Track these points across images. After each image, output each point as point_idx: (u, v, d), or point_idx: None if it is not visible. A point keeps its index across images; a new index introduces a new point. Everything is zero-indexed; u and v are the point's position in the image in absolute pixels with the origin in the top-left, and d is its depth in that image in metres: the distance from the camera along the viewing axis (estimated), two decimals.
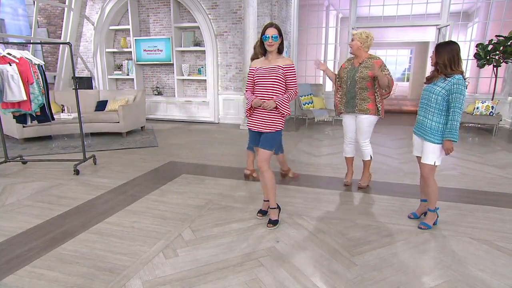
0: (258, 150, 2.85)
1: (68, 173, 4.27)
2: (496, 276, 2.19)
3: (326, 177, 4.20)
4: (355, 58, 3.57)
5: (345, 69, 3.58)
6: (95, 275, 2.18)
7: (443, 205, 3.27)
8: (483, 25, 8.48)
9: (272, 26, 2.64)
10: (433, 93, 2.66)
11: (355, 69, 3.51)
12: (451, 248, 2.54)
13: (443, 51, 2.63)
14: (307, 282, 2.13)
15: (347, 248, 2.53)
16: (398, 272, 2.24)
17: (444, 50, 2.63)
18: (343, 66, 3.64)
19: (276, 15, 7.34)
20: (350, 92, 3.54)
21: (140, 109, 6.94)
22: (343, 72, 3.60)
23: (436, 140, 2.69)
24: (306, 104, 7.80)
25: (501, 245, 2.56)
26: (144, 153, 5.33)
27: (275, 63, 2.69)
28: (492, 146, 5.77)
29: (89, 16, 8.51)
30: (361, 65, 3.48)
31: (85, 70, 8.94)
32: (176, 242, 2.61)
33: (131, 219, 3.02)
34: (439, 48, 2.67)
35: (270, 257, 2.41)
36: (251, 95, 2.82)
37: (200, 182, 3.97)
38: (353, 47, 3.48)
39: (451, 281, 2.14)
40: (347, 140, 3.79)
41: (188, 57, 8.34)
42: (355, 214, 3.12)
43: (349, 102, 3.57)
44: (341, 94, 3.65)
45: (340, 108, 3.68)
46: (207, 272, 2.24)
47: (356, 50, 3.48)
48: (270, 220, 2.88)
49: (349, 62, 3.62)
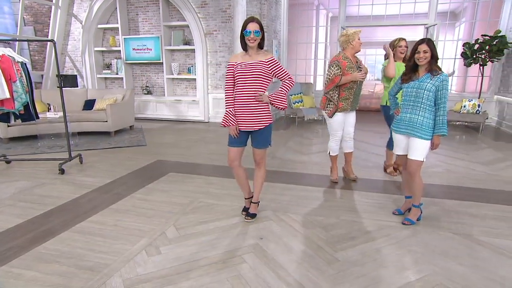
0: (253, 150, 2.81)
1: (53, 172, 4.21)
2: (475, 270, 2.22)
3: (313, 174, 4.21)
4: (351, 57, 3.58)
5: (352, 68, 3.53)
6: (74, 274, 2.15)
7: (428, 201, 3.30)
8: (470, 25, 8.60)
9: (253, 21, 2.57)
10: (423, 89, 2.66)
11: (358, 68, 3.60)
12: (433, 243, 2.56)
13: (434, 46, 2.64)
14: (289, 278, 2.13)
15: (331, 244, 2.53)
16: (379, 267, 2.26)
17: (434, 45, 2.64)
18: (346, 64, 3.52)
19: (266, 14, 7.34)
20: (358, 90, 3.69)
21: (128, 108, 6.88)
22: (351, 71, 3.53)
23: (427, 137, 2.70)
24: (296, 103, 7.82)
25: (481, 240, 2.60)
26: (132, 152, 5.29)
27: (257, 58, 2.64)
28: (478, 144, 5.85)
29: (77, 14, 8.40)
30: (358, 64, 3.64)
31: (73, 69, 8.83)
32: (159, 240, 2.59)
33: (115, 217, 2.99)
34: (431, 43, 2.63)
35: (253, 254, 2.40)
36: (230, 102, 2.71)
37: (187, 180, 3.95)
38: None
39: (431, 275, 2.17)
40: (338, 138, 3.82)
41: (177, 56, 8.29)
42: (340, 211, 3.14)
43: (355, 100, 3.71)
44: (348, 94, 3.61)
45: (346, 107, 3.64)
46: (189, 269, 2.23)
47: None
48: (249, 214, 2.93)
49: (348, 60, 3.55)
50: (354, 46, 3.53)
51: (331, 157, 3.92)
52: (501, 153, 5.15)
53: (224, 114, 2.74)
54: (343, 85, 3.57)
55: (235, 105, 2.70)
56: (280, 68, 2.69)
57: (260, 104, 2.69)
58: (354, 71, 3.54)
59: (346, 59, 3.53)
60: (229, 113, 2.71)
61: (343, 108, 3.64)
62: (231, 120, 2.70)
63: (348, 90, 3.59)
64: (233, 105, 2.70)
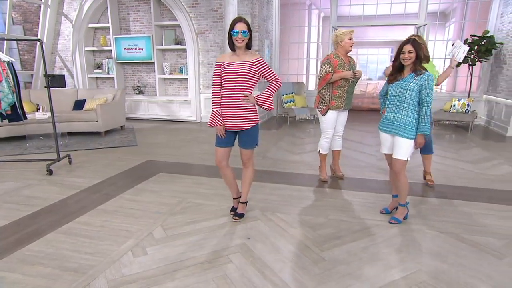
0: (241, 150, 2.82)
1: (41, 173, 4.17)
2: (458, 267, 2.25)
3: (304, 174, 4.22)
4: (343, 56, 3.61)
5: (343, 67, 3.56)
6: (58, 276, 2.13)
7: (415, 200, 3.34)
8: (460, 25, 8.69)
9: (241, 21, 2.57)
10: (407, 89, 2.69)
11: (351, 67, 3.64)
12: (419, 242, 2.59)
13: (419, 46, 2.65)
14: (275, 278, 2.14)
15: (317, 244, 2.54)
16: (365, 266, 2.27)
17: (419, 46, 2.66)
18: (338, 63, 3.56)
19: (257, 14, 7.34)
20: (351, 89, 3.72)
21: (119, 108, 6.84)
22: (343, 70, 3.56)
23: (411, 136, 2.73)
24: (287, 102, 7.83)
25: (466, 237, 2.63)
26: (122, 152, 5.25)
27: (244, 58, 2.64)
28: (467, 143, 5.92)
29: (67, 13, 8.32)
30: (351, 63, 3.69)
31: (63, 68, 8.74)
32: (146, 241, 2.58)
33: (103, 218, 2.97)
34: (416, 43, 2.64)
35: (239, 254, 2.40)
36: (217, 102, 2.70)
37: (176, 180, 3.93)
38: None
39: (415, 273, 2.19)
40: (329, 136, 3.84)
41: (169, 56, 8.26)
42: (328, 210, 3.15)
43: (349, 99, 3.74)
44: (341, 92, 3.64)
45: (339, 106, 3.67)
46: (175, 269, 2.22)
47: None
48: (237, 214, 2.93)
49: (340, 59, 3.59)
50: (344, 46, 3.55)
51: (321, 155, 3.93)
52: (488, 152, 5.21)
53: (211, 114, 2.73)
54: (335, 84, 3.61)
55: (222, 105, 2.70)
56: (267, 69, 2.70)
57: (247, 104, 2.69)
58: (345, 69, 3.57)
59: (337, 58, 3.58)
60: (216, 113, 2.70)
61: (336, 107, 3.67)
62: (218, 120, 2.70)
63: (340, 88, 3.62)
64: (220, 105, 2.70)
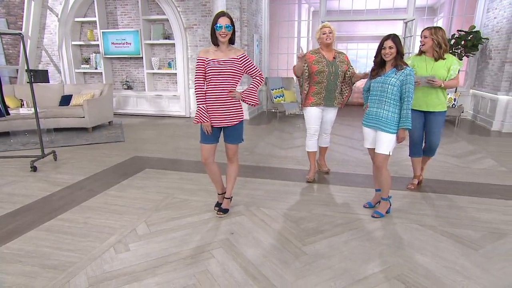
0: (227, 145, 2.83)
1: (25, 170, 4.11)
2: (436, 259, 2.29)
3: (290, 169, 4.24)
4: (325, 52, 3.52)
5: (321, 63, 3.47)
6: (38, 273, 2.12)
7: (398, 194, 3.38)
8: (448, 20, 8.75)
9: (224, 15, 2.56)
10: (388, 84, 2.72)
11: (334, 63, 3.51)
12: (399, 235, 2.63)
13: (399, 42, 2.69)
14: (256, 272, 2.16)
15: (300, 238, 2.57)
16: (345, 259, 2.30)
17: (400, 41, 2.70)
18: (314, 58, 3.49)
19: (246, 8, 7.29)
20: (331, 86, 3.56)
21: (107, 104, 6.76)
22: (319, 65, 3.47)
23: (392, 130, 2.76)
24: (277, 97, 7.83)
25: (444, 230, 2.68)
26: (109, 148, 5.21)
27: (229, 55, 2.63)
28: (453, 137, 5.99)
29: (52, 7, 8.15)
30: (336, 60, 3.53)
31: (50, 63, 8.60)
32: (129, 237, 2.57)
33: (86, 215, 2.95)
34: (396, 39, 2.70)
35: (222, 249, 2.42)
36: (202, 98, 2.67)
37: (162, 176, 3.92)
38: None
39: (394, 266, 2.22)
40: (312, 133, 3.76)
41: (157, 50, 8.17)
42: (312, 205, 3.18)
43: (329, 96, 3.60)
44: (319, 88, 3.55)
45: (318, 102, 3.59)
46: (157, 265, 2.23)
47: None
48: (221, 209, 2.94)
49: (319, 55, 3.50)
50: (320, 41, 3.52)
51: (308, 153, 3.90)
52: (473, 146, 5.29)
53: (197, 111, 2.71)
54: (312, 79, 3.54)
55: (207, 102, 2.68)
56: (251, 65, 2.70)
57: (232, 100, 2.70)
58: (322, 65, 3.47)
59: (315, 54, 3.53)
60: (201, 110, 2.69)
61: (315, 103, 3.60)
62: (204, 116, 2.68)
63: (318, 84, 3.55)
64: (205, 101, 2.69)
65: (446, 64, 3.23)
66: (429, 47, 3.23)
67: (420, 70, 3.28)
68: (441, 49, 3.19)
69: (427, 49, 3.25)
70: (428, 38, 3.20)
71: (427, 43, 3.22)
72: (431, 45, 3.21)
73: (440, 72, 3.21)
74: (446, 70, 3.22)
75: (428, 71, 3.25)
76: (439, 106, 3.31)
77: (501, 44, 6.49)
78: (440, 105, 3.32)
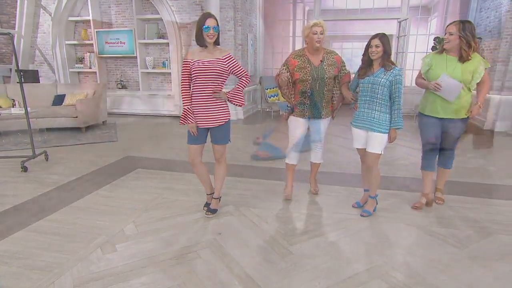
0: (213, 146, 2.83)
1: (15, 170, 4.10)
2: (421, 258, 2.31)
3: (281, 169, 4.23)
4: (311, 54, 2.94)
5: (304, 69, 2.92)
6: (23, 275, 2.12)
7: (387, 194, 3.40)
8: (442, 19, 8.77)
9: (211, 17, 2.58)
10: (378, 84, 2.72)
11: (320, 69, 2.92)
12: (386, 235, 2.65)
13: (387, 41, 2.69)
14: (241, 272, 2.17)
15: (287, 238, 2.58)
16: (331, 259, 2.32)
17: (387, 41, 2.70)
18: (296, 64, 2.93)
19: (240, 8, 7.28)
20: (317, 95, 2.99)
21: (100, 103, 6.74)
22: (301, 73, 2.93)
23: (384, 130, 2.77)
24: (271, 96, 7.84)
25: (432, 230, 2.70)
26: (102, 148, 5.20)
27: (214, 55, 2.64)
28: None
29: (45, 6, 8.11)
30: (324, 63, 2.94)
31: (44, 63, 8.56)
32: (117, 237, 2.58)
33: (75, 215, 2.95)
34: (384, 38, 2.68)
35: (209, 249, 2.43)
36: (187, 100, 2.68)
37: (153, 176, 3.92)
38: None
39: (379, 265, 2.24)
40: (293, 142, 3.18)
41: (152, 50, 8.15)
42: (302, 205, 3.19)
43: (315, 106, 3.03)
44: (302, 98, 3.01)
45: (303, 113, 3.06)
46: (143, 266, 2.24)
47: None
48: (210, 209, 2.95)
49: (303, 59, 2.94)
50: (309, 41, 2.91)
51: (286, 166, 3.32)
52: (464, 145, 5.32)
53: (182, 112, 2.73)
54: (296, 88, 3.04)
55: (193, 103, 2.70)
56: (237, 65, 2.71)
57: (218, 101, 2.71)
58: (305, 73, 2.92)
59: (298, 58, 2.95)
60: (187, 111, 2.70)
61: (299, 114, 3.07)
62: (190, 118, 2.69)
63: (301, 93, 3.00)
64: (191, 102, 2.70)
65: (472, 65, 2.71)
66: (454, 46, 2.71)
67: (436, 71, 2.80)
68: (470, 48, 2.67)
69: (452, 47, 2.73)
70: (455, 35, 2.67)
71: (452, 41, 2.69)
72: (457, 43, 2.68)
73: (465, 76, 2.72)
74: (470, 74, 2.72)
75: (448, 73, 2.74)
76: (461, 111, 2.81)
77: (493, 44, 6.52)
78: (462, 109, 2.81)
